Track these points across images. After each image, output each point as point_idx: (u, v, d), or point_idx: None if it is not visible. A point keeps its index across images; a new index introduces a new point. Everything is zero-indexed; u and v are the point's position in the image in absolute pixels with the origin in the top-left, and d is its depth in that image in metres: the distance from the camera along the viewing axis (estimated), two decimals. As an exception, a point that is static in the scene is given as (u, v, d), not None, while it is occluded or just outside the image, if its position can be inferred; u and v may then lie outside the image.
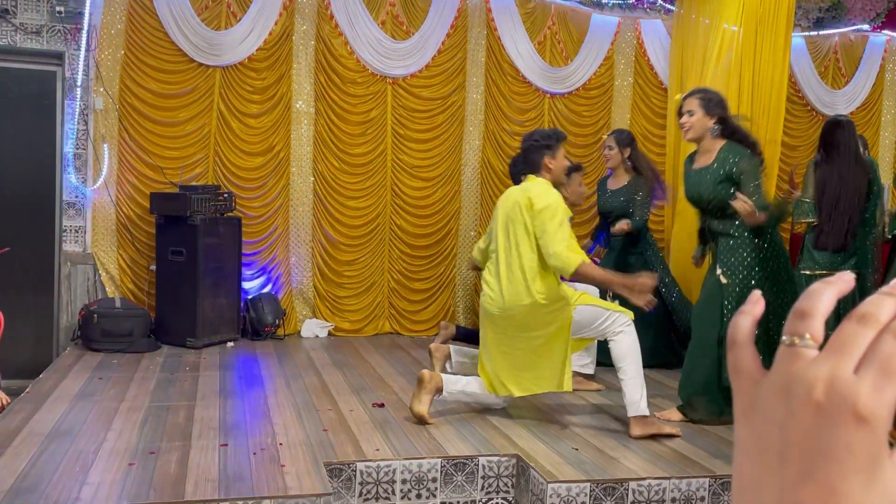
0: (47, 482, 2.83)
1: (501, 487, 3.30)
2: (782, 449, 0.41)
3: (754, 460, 0.43)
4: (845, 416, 0.40)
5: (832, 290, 0.44)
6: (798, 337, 0.43)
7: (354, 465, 3.15)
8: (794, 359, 0.42)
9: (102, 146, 5.48)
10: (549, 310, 3.56)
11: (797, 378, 0.42)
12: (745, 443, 0.44)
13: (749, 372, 0.45)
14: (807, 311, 0.43)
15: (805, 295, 0.44)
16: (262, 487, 2.84)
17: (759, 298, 0.47)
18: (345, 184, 5.91)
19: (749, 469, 0.43)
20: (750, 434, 0.44)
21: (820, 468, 0.40)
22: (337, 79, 5.84)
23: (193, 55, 5.55)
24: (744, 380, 0.45)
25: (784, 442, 0.41)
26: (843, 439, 0.40)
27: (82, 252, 5.52)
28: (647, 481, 3.10)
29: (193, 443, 3.31)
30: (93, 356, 4.93)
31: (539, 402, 4.13)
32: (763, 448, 0.43)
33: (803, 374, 0.41)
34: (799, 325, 0.43)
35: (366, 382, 4.48)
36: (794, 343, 0.43)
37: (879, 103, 6.88)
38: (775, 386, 0.43)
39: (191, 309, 5.19)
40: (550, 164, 3.66)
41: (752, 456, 0.43)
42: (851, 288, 0.45)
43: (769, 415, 0.43)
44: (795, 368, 0.42)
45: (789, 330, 0.43)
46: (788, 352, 0.43)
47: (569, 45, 6.26)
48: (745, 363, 0.45)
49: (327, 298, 5.94)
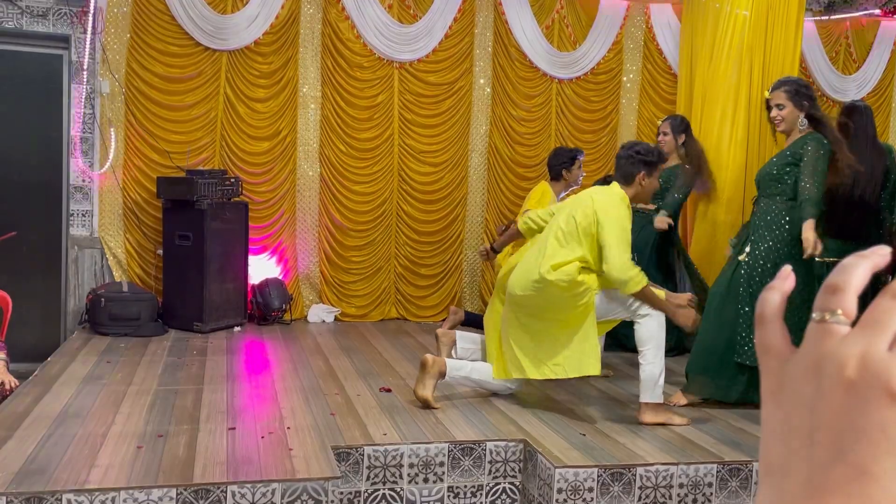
0: (56, 465, 2.84)
1: (509, 472, 3.30)
2: (812, 429, 0.40)
3: (782, 441, 0.42)
4: (879, 395, 0.38)
5: (866, 264, 0.42)
6: (829, 313, 0.41)
7: (362, 448, 3.15)
8: (825, 336, 0.41)
9: (109, 130, 5.47)
10: (572, 293, 3.51)
11: (828, 356, 0.40)
12: (773, 423, 0.43)
13: (778, 349, 0.44)
14: (839, 285, 0.41)
15: (837, 269, 0.42)
16: (271, 471, 2.85)
17: (790, 274, 0.46)
18: (351, 169, 5.89)
19: (777, 450, 0.42)
20: (778, 414, 0.42)
21: (851, 449, 0.38)
22: (344, 63, 5.81)
23: (200, 39, 5.53)
24: (772, 358, 0.44)
25: (814, 422, 0.40)
26: (876, 419, 0.38)
27: (89, 236, 5.52)
28: (655, 467, 3.10)
29: (201, 426, 3.32)
30: (100, 340, 4.95)
31: (546, 388, 4.13)
32: (792, 428, 0.41)
33: (835, 352, 0.40)
34: (830, 300, 0.41)
35: (372, 367, 4.48)
36: (825, 319, 0.41)
37: (890, 89, 6.82)
38: (805, 364, 0.41)
39: (198, 293, 5.20)
40: (643, 181, 3.61)
41: (780, 436, 0.42)
42: (887, 262, 0.43)
43: (798, 394, 0.41)
44: (826, 346, 0.41)
45: (820, 305, 0.42)
46: (819, 328, 0.41)
47: (577, 30, 6.21)
48: (774, 340, 0.44)
49: (334, 284, 5.94)
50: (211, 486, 2.71)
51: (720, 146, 5.36)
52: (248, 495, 2.73)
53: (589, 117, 6.30)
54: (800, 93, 3.83)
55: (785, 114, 3.83)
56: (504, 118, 6.13)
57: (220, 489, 2.72)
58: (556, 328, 3.58)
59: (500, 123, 6.14)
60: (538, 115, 6.20)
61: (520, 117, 6.12)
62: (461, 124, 6.06)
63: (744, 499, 3.18)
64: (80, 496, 2.62)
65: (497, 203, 6.15)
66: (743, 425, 3.65)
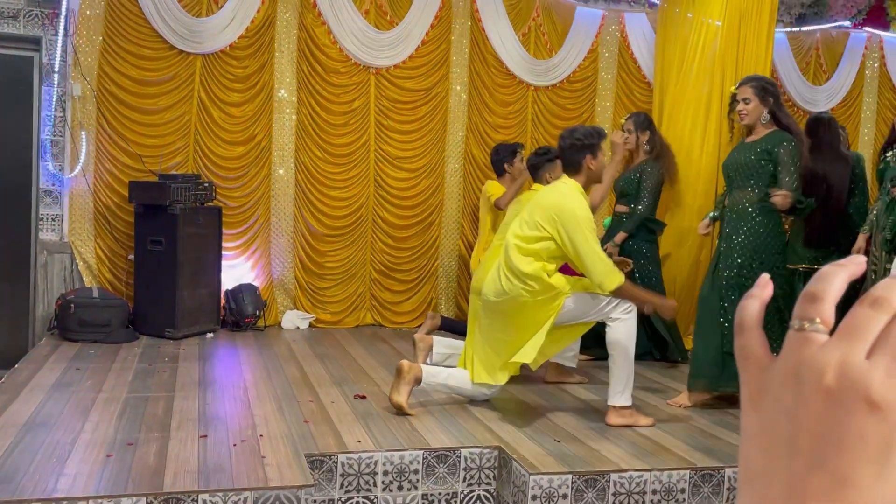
0: (23, 473, 2.78)
1: (483, 479, 3.29)
2: (791, 437, 0.40)
3: (762, 448, 0.42)
4: (857, 403, 0.38)
5: (844, 273, 0.42)
6: (808, 321, 0.41)
7: (336, 456, 3.13)
8: (804, 344, 0.41)
9: (80, 133, 5.39)
10: (543, 298, 3.54)
11: (807, 363, 0.40)
12: (753, 430, 0.43)
13: (757, 357, 0.44)
14: (817, 294, 0.42)
15: (816, 278, 0.42)
16: (243, 479, 2.81)
17: (768, 282, 0.46)
18: (327, 174, 5.87)
19: (757, 458, 0.42)
20: (758, 421, 0.42)
21: (830, 457, 0.39)
22: (320, 68, 5.79)
23: (174, 42, 5.48)
24: (752, 365, 0.44)
25: (793, 429, 0.40)
26: (854, 427, 0.38)
27: (59, 241, 5.44)
28: (629, 473, 3.11)
29: (172, 434, 3.27)
30: (69, 346, 4.87)
31: (522, 395, 4.13)
32: (771, 436, 0.41)
33: (813, 360, 0.40)
34: (809, 308, 0.42)
35: (347, 374, 4.46)
36: (804, 327, 0.41)
37: (860, 99, 6.94)
38: (784, 372, 0.41)
39: (170, 299, 5.14)
40: (592, 164, 3.60)
41: (759, 444, 0.42)
42: (863, 271, 0.43)
43: (778, 402, 0.41)
44: (805, 353, 0.41)
45: (799, 314, 0.42)
46: (798, 336, 0.41)
47: (553, 38, 6.25)
48: (753, 348, 0.44)
49: (308, 290, 5.90)
50: (182, 495, 2.67)
51: (691, 155, 5.42)
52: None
53: (564, 124, 6.29)
54: (766, 89, 3.95)
55: (750, 108, 3.94)
56: (480, 125, 6.14)
57: (191, 498, 2.68)
58: (523, 328, 3.59)
59: (476, 130, 6.15)
60: (514, 122, 6.23)
61: (496, 124, 6.13)
62: (437, 130, 6.06)
63: (716, 505, 3.20)
64: (47, 506, 2.57)
65: (473, 209, 6.15)
66: (716, 432, 3.68)
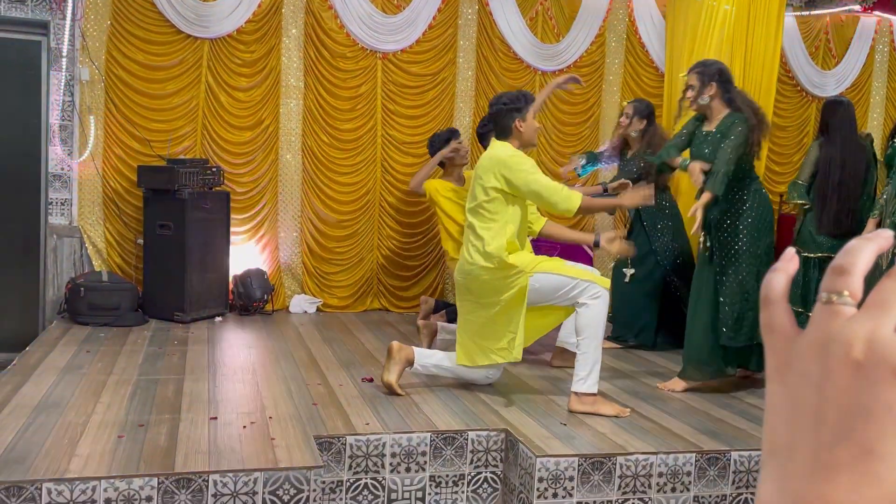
0: (36, 454, 2.82)
1: (490, 462, 3.32)
2: (818, 409, 0.40)
3: (788, 420, 0.42)
4: (886, 376, 0.38)
5: (871, 246, 0.42)
6: (836, 294, 0.41)
7: (344, 438, 3.16)
8: (832, 316, 0.41)
9: (89, 118, 5.41)
10: (502, 275, 3.54)
11: (835, 336, 0.40)
12: (779, 403, 0.43)
13: (783, 330, 0.44)
14: (845, 267, 0.42)
15: (843, 251, 0.43)
16: (253, 460, 2.85)
17: (794, 255, 0.46)
18: (334, 159, 5.87)
19: (782, 429, 0.42)
20: (783, 394, 0.43)
21: (857, 428, 0.39)
22: (326, 53, 5.78)
23: (181, 26, 5.47)
24: (778, 338, 0.44)
25: (820, 402, 0.40)
26: (882, 399, 0.38)
27: (68, 225, 5.47)
28: (635, 456, 3.13)
29: (183, 416, 3.31)
30: (80, 329, 4.91)
31: (528, 378, 4.16)
32: (797, 408, 0.41)
33: (841, 332, 0.40)
34: (837, 281, 0.42)
35: (355, 358, 4.49)
36: (832, 300, 0.41)
37: (869, 84, 6.90)
38: (811, 344, 0.42)
39: (179, 283, 5.17)
40: (521, 126, 3.63)
41: (785, 416, 0.42)
42: (891, 245, 0.43)
43: (804, 374, 0.41)
44: (833, 326, 0.41)
45: (827, 287, 0.42)
46: (826, 309, 0.41)
47: (560, 22, 6.22)
48: (779, 320, 0.44)
49: (316, 275, 5.92)
50: (192, 476, 2.71)
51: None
52: (229, 484, 2.73)
53: (571, 110, 6.32)
54: (707, 72, 3.93)
55: (694, 94, 3.94)
56: (487, 109, 6.10)
57: (201, 478, 2.71)
58: (495, 313, 3.60)
59: (483, 114, 6.12)
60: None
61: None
62: (444, 115, 6.05)
63: (721, 487, 3.22)
64: (60, 485, 2.61)
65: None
66: (722, 415, 3.70)
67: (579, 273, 3.63)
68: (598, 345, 3.53)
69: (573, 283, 3.54)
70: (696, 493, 3.19)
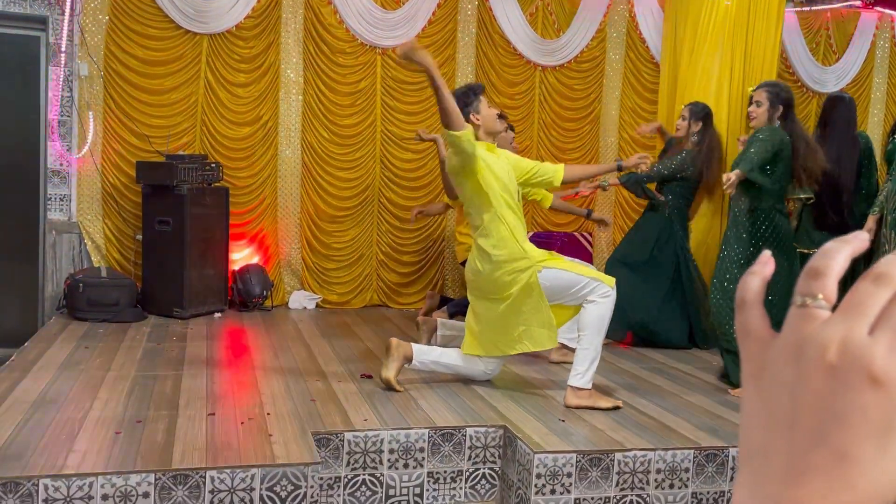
0: (33, 450, 2.82)
1: (488, 458, 3.32)
2: (792, 413, 0.40)
3: (763, 425, 0.42)
4: (859, 379, 0.38)
5: (847, 249, 0.42)
6: (810, 297, 0.41)
7: (342, 434, 3.16)
8: (806, 320, 0.41)
9: (87, 113, 5.40)
10: (508, 269, 3.55)
11: (809, 339, 0.40)
12: (754, 407, 0.42)
13: (758, 334, 0.43)
14: (820, 270, 0.41)
15: (818, 254, 0.42)
16: (250, 456, 2.84)
17: (769, 259, 0.46)
18: (333, 155, 5.86)
19: (757, 434, 0.42)
20: (758, 398, 0.42)
21: (832, 432, 0.38)
22: (326, 48, 5.77)
23: (180, 22, 5.46)
24: (752, 342, 0.44)
25: (794, 406, 0.40)
26: (856, 403, 0.38)
27: (67, 221, 5.46)
28: (633, 452, 3.13)
29: (181, 412, 3.31)
30: (78, 325, 4.90)
31: (526, 374, 4.15)
32: (772, 412, 0.41)
33: (815, 336, 0.40)
34: (811, 284, 0.41)
35: (354, 354, 4.48)
36: (807, 303, 0.41)
37: (870, 80, 6.88)
38: (786, 348, 0.41)
39: (178, 279, 5.16)
40: (477, 119, 3.64)
41: (760, 421, 0.42)
42: (866, 247, 0.43)
43: (779, 378, 0.41)
44: (807, 330, 0.40)
45: (801, 290, 0.41)
46: (800, 312, 0.41)
47: (561, 17, 6.20)
48: (754, 324, 0.44)
49: (315, 270, 5.92)
50: (190, 472, 2.71)
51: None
52: (227, 480, 2.72)
53: (572, 105, 6.30)
54: (780, 95, 4.02)
55: (760, 112, 4.01)
56: (487, 105, 6.11)
57: (198, 474, 2.71)
58: (506, 307, 3.60)
59: (482, 111, 6.11)
60: (521, 103, 6.20)
61: (502, 104, 6.10)
62: (444, 111, 6.03)
63: (720, 483, 3.22)
64: (57, 481, 2.60)
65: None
66: (720, 412, 3.69)
67: (588, 272, 3.66)
68: (599, 342, 3.57)
69: (584, 281, 3.57)
70: (694, 490, 3.19)
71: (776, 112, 3.99)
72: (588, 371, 3.55)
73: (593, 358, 3.55)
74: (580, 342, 3.57)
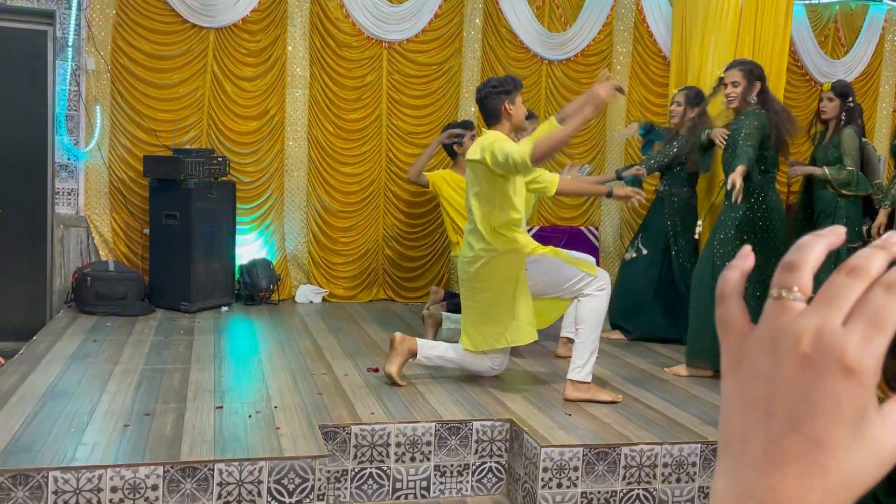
0: (42, 442, 2.84)
1: (495, 451, 3.33)
2: (768, 402, 0.41)
3: (740, 414, 0.43)
4: (833, 369, 0.39)
5: (822, 243, 0.43)
6: (786, 290, 0.42)
7: (349, 428, 3.17)
8: (782, 311, 0.42)
9: (95, 108, 5.41)
10: (497, 257, 3.54)
11: (784, 330, 0.41)
12: (732, 396, 0.44)
13: (737, 326, 0.45)
14: (795, 263, 0.43)
15: (794, 248, 0.43)
16: (258, 449, 2.85)
17: (749, 253, 0.47)
18: (340, 149, 5.86)
19: (735, 423, 0.43)
20: (736, 387, 0.43)
21: (806, 420, 0.40)
22: (332, 42, 5.76)
23: (187, 16, 5.47)
24: (731, 333, 0.45)
25: (770, 395, 0.41)
26: (830, 392, 0.39)
27: (75, 215, 5.48)
28: (640, 447, 3.13)
29: (188, 405, 3.32)
30: (86, 319, 4.93)
31: (533, 369, 4.16)
32: (749, 401, 0.42)
33: (790, 327, 0.41)
34: (787, 277, 0.43)
35: (360, 347, 4.49)
36: (782, 296, 0.42)
37: (878, 73, 6.84)
38: (762, 339, 0.42)
39: (185, 273, 5.18)
40: (510, 109, 3.62)
41: (737, 409, 0.43)
42: (842, 241, 0.44)
43: (755, 368, 0.42)
44: (783, 321, 0.42)
45: (777, 283, 0.43)
46: (776, 304, 0.42)
47: (568, 11, 6.18)
48: (733, 317, 0.45)
49: (322, 265, 5.93)
50: (198, 464, 2.72)
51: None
52: (235, 473, 2.74)
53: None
54: (754, 72, 4.01)
55: (739, 91, 3.99)
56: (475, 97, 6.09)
57: (207, 467, 2.72)
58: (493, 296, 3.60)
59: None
60: (528, 97, 6.17)
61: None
62: (450, 105, 6.03)
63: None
64: (66, 473, 2.62)
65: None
66: (727, 406, 3.69)
67: (579, 263, 3.65)
68: (597, 335, 3.59)
69: (579, 275, 3.58)
70: (700, 484, 3.19)
71: (753, 90, 3.97)
72: (587, 364, 3.56)
73: (592, 351, 3.56)
74: (578, 336, 3.59)
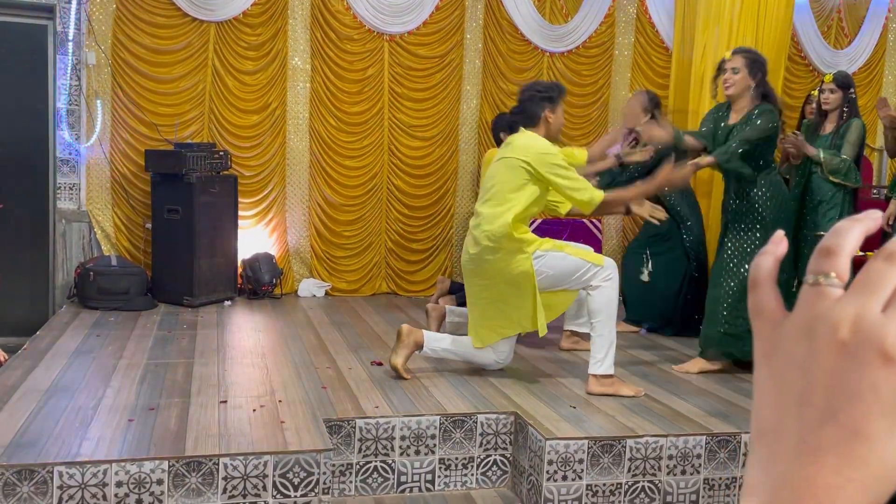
0: (47, 437, 2.83)
1: (500, 444, 3.32)
2: (804, 390, 0.40)
3: (774, 403, 0.42)
4: (872, 357, 0.38)
5: (859, 228, 0.42)
6: (823, 275, 0.41)
7: (354, 421, 3.16)
8: (819, 298, 0.41)
9: (95, 102, 5.40)
10: (506, 254, 3.52)
11: (821, 318, 0.40)
12: (766, 385, 0.43)
13: (770, 312, 0.44)
14: (832, 248, 0.41)
15: (831, 232, 0.42)
16: (263, 443, 2.85)
17: (783, 238, 0.46)
18: (341, 143, 5.85)
19: (769, 412, 0.42)
20: (770, 376, 0.42)
21: (843, 409, 0.39)
22: (333, 35, 5.74)
23: (187, 9, 5.45)
24: (765, 321, 0.44)
25: (806, 383, 0.40)
26: (868, 380, 0.38)
27: (77, 209, 5.47)
28: (645, 439, 3.12)
29: (193, 399, 3.32)
30: (89, 314, 4.92)
31: (537, 361, 4.15)
32: (784, 390, 0.41)
33: (828, 314, 0.40)
34: (824, 263, 0.41)
35: (364, 341, 4.49)
36: (819, 282, 0.41)
37: (882, 64, 6.81)
38: (798, 326, 0.41)
39: (187, 267, 5.17)
40: (550, 117, 3.60)
41: (772, 399, 0.42)
42: (879, 226, 0.43)
43: (791, 356, 0.41)
44: (819, 308, 0.41)
45: (813, 268, 0.42)
46: (812, 291, 0.41)
47: (569, 2, 6.16)
48: (767, 303, 0.44)
49: (324, 258, 5.92)
50: (203, 459, 2.72)
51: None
52: (240, 467, 2.73)
53: (580, 91, 6.26)
54: (757, 61, 3.86)
55: (737, 78, 3.84)
56: (495, 92, 6.09)
57: (212, 461, 2.72)
58: (501, 291, 3.59)
59: (490, 97, 6.09)
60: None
61: (510, 91, 6.07)
62: (452, 98, 6.02)
63: (732, 469, 3.21)
64: (71, 469, 2.62)
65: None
66: (732, 398, 3.68)
67: (584, 254, 3.63)
68: (612, 326, 3.55)
69: (585, 266, 3.56)
70: (706, 476, 3.18)
71: (755, 79, 3.82)
72: (607, 357, 3.53)
73: (610, 343, 3.53)
74: (593, 329, 3.56)
